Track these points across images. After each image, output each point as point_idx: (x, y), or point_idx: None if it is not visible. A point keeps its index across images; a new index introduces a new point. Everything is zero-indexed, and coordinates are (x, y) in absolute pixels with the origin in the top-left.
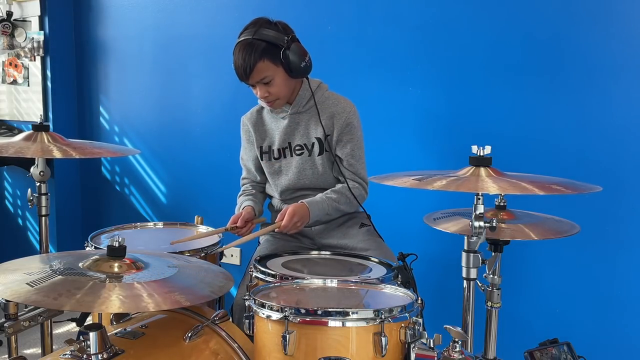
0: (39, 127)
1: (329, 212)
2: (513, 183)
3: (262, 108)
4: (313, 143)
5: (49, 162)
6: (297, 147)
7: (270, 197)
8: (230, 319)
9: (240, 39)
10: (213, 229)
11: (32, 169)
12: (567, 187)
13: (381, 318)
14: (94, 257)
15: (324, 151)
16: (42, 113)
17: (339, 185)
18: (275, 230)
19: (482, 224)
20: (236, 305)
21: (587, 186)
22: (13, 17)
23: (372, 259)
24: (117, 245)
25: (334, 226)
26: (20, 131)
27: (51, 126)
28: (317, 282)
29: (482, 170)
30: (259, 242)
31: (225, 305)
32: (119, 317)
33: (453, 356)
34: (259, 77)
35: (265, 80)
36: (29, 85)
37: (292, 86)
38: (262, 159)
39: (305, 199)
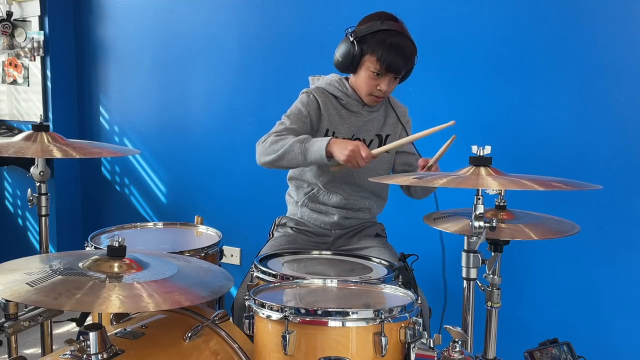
0: (39, 127)
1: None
2: (513, 180)
3: (330, 93)
4: (372, 140)
5: (49, 162)
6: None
7: (306, 183)
8: (231, 319)
9: (399, 29)
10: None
11: (32, 169)
12: (567, 184)
13: (381, 318)
14: (94, 257)
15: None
16: (42, 113)
17: None
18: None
19: (482, 224)
20: (236, 304)
21: (588, 184)
22: (13, 17)
23: (373, 259)
24: (117, 245)
25: (351, 233)
26: (20, 131)
27: (51, 126)
28: (317, 282)
29: (482, 170)
30: (272, 235)
31: (225, 305)
32: (119, 317)
33: (453, 356)
34: (407, 68)
35: (397, 76)
36: (29, 85)
37: None
38: None
39: (347, 191)
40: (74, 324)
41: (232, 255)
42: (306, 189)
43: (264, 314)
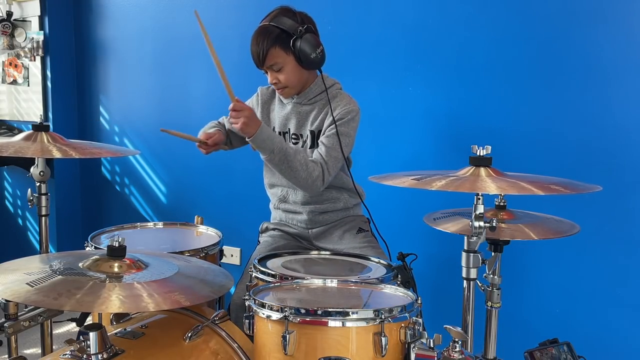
0: (39, 127)
1: (274, 151)
2: (512, 183)
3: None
4: (307, 135)
5: (49, 162)
6: (293, 136)
7: (278, 187)
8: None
9: (259, 25)
10: (186, 135)
11: (32, 169)
12: (566, 187)
13: (381, 318)
14: (94, 257)
15: (315, 145)
16: (42, 113)
17: (311, 156)
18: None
19: (482, 224)
20: (233, 304)
21: (587, 186)
22: (13, 17)
23: (372, 259)
24: (117, 245)
25: (331, 230)
26: (20, 131)
27: (51, 126)
28: (317, 282)
29: (482, 170)
30: (259, 242)
31: (225, 306)
32: (119, 317)
33: (453, 356)
34: (270, 63)
35: (275, 67)
36: (29, 85)
37: (303, 76)
38: None
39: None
40: (74, 324)
41: (232, 255)
42: (279, 193)
43: (264, 314)
